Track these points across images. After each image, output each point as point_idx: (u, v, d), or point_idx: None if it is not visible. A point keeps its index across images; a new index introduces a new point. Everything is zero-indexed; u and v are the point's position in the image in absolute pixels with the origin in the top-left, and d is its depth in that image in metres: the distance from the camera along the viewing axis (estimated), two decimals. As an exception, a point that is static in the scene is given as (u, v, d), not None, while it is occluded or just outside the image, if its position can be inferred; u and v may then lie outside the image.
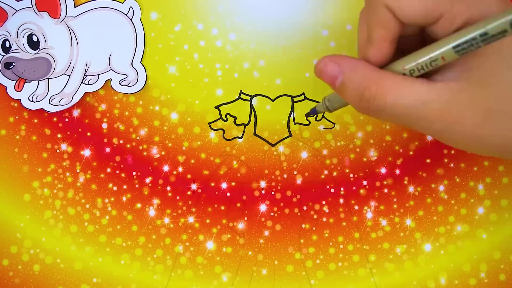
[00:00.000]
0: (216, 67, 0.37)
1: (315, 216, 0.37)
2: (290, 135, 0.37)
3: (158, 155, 0.37)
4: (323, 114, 0.37)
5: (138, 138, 0.37)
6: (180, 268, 0.37)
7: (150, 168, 0.37)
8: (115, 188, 0.37)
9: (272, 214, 0.37)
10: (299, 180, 0.37)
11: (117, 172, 0.37)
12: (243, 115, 0.37)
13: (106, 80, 0.37)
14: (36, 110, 0.37)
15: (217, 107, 0.37)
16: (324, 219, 0.38)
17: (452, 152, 0.38)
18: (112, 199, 0.37)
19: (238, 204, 0.37)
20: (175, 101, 0.37)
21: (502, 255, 0.38)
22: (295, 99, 0.37)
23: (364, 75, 0.27)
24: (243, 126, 0.37)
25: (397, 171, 0.38)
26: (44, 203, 0.37)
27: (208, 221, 0.37)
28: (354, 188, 0.38)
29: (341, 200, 0.38)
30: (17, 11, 0.36)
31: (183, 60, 0.37)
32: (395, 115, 0.26)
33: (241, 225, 0.37)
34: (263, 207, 0.37)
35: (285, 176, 0.37)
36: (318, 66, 0.29)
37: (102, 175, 0.37)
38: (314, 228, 0.38)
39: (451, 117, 0.25)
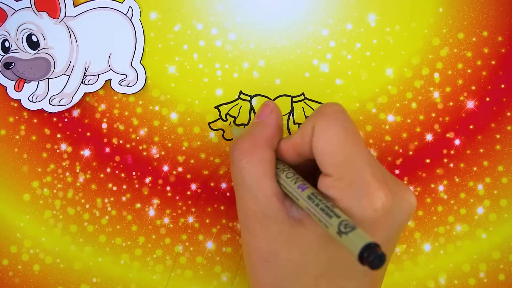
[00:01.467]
0: (215, 67, 0.37)
1: (314, 216, 0.38)
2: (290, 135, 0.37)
3: (157, 155, 0.37)
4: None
5: (137, 138, 0.37)
6: (179, 268, 0.37)
7: (149, 168, 0.37)
8: (114, 188, 0.37)
9: (271, 214, 0.37)
10: (298, 180, 0.37)
11: (117, 172, 0.37)
12: (243, 115, 0.37)
13: (106, 80, 0.37)
14: (35, 110, 0.37)
15: (216, 107, 0.37)
16: (324, 219, 0.38)
17: (452, 152, 0.38)
18: (112, 199, 0.37)
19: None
20: (175, 101, 0.37)
21: (501, 255, 0.38)
22: (294, 99, 0.37)
23: (257, 138, 0.29)
24: (243, 126, 0.37)
25: (397, 171, 0.38)
26: (44, 203, 0.37)
27: (207, 221, 0.37)
28: (354, 188, 0.37)
29: (341, 200, 0.37)
30: (16, 11, 0.36)
31: (183, 60, 0.37)
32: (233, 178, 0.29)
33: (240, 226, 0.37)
34: (262, 207, 0.37)
35: (284, 176, 0.37)
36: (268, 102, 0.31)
37: (101, 175, 0.37)
38: (313, 228, 0.38)
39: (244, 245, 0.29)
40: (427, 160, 0.38)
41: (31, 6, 0.36)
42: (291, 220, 0.27)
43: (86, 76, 0.37)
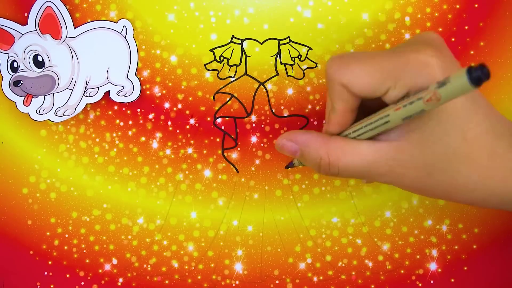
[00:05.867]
0: (210, 14, 0.41)
1: (300, 146, 0.42)
2: (277, 74, 0.42)
3: (159, 94, 0.42)
4: (306, 55, 0.42)
5: (141, 78, 0.41)
6: (180, 194, 0.42)
7: (152, 105, 0.42)
8: (121, 124, 0.42)
9: (262, 144, 0.42)
10: (285, 114, 0.42)
11: (123, 109, 0.42)
12: (235, 57, 0.41)
13: (105, 92, 0.41)
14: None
15: (211, 50, 0.41)
16: (309, 149, 0.42)
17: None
18: (119, 133, 0.42)
19: (232, 136, 0.42)
20: (174, 45, 0.41)
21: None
22: (281, 42, 0.41)
23: (316, 148, 0.32)
24: (235, 66, 0.42)
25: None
26: (59, 138, 0.42)
27: (205, 151, 0.42)
28: (335, 120, 0.42)
29: (324, 132, 0.42)
30: (23, 34, 0.40)
31: (181, 9, 0.41)
32: (351, 175, 0.31)
33: (234, 155, 0.42)
34: (254, 139, 0.42)
35: (273, 110, 0.42)
36: (278, 144, 0.34)
37: (110, 112, 0.42)
38: (299, 157, 0.42)
39: (396, 172, 0.30)
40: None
41: (36, 30, 0.40)
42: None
43: (87, 89, 0.41)
